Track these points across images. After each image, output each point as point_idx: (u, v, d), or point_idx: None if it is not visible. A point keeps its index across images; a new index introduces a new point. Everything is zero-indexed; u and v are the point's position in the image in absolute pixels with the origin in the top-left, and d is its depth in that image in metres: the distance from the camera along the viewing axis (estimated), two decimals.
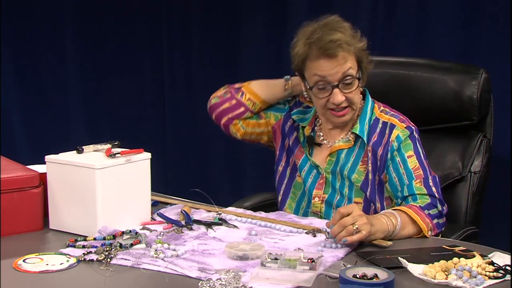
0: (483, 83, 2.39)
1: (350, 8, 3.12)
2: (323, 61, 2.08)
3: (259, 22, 3.47)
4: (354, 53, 2.10)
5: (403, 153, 2.10)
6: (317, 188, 2.19)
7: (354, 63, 2.10)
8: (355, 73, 2.10)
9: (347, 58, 2.08)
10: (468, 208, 2.37)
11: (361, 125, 2.16)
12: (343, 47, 2.07)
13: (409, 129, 2.13)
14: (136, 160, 1.96)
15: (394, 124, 2.15)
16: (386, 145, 2.12)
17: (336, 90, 2.09)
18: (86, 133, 3.70)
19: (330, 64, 2.07)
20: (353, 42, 2.10)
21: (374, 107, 2.20)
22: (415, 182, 2.05)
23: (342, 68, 2.07)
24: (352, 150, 2.17)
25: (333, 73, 2.08)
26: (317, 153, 2.23)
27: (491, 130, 2.45)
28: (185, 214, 2.03)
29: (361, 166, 2.15)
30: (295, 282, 1.57)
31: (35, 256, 1.73)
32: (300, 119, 2.28)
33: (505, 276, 1.61)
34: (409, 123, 2.16)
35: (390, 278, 1.50)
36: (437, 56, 2.73)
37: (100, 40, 3.74)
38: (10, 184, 1.90)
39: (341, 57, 2.07)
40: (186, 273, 1.62)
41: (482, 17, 2.85)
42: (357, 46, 2.11)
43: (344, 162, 2.16)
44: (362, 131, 2.15)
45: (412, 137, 2.13)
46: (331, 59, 2.07)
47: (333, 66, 2.07)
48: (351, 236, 1.79)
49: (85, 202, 1.88)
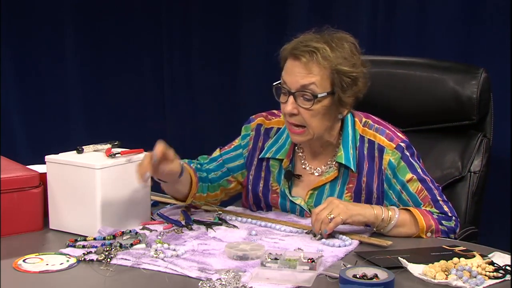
0: (483, 82, 2.39)
1: (350, 8, 3.12)
2: (289, 62, 1.95)
3: (259, 22, 3.47)
4: (330, 71, 1.91)
5: (401, 180, 1.99)
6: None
7: (324, 80, 1.91)
8: (318, 91, 1.91)
9: (314, 70, 1.90)
10: (468, 208, 2.37)
11: (345, 152, 2.00)
12: (314, 57, 1.90)
13: (398, 149, 1.98)
14: (136, 160, 1.96)
15: (383, 145, 1.99)
16: (379, 175, 2.00)
17: (290, 98, 1.93)
18: (86, 133, 3.70)
19: (292, 68, 1.93)
20: (334, 60, 1.91)
21: (355, 123, 2.04)
22: (424, 206, 2.00)
23: (303, 78, 1.91)
24: (336, 180, 2.03)
25: (292, 80, 1.93)
26: (297, 188, 2.09)
27: (490, 130, 2.44)
28: (185, 214, 2.03)
29: (346, 195, 2.03)
30: (295, 282, 1.57)
31: (35, 256, 1.73)
32: (275, 152, 2.09)
33: (505, 276, 1.61)
34: (398, 140, 2.00)
35: (390, 278, 1.50)
36: (436, 56, 2.73)
37: (100, 40, 3.74)
38: (10, 184, 1.90)
39: (305, 65, 1.90)
40: (186, 273, 1.62)
41: (482, 16, 2.85)
42: (340, 67, 1.91)
43: (329, 194, 2.04)
44: (347, 159, 1.99)
45: (404, 156, 1.99)
46: (295, 61, 1.93)
47: (294, 72, 1.92)
48: (327, 224, 1.83)
49: (85, 202, 1.88)
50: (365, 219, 1.89)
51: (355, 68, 1.95)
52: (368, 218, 1.89)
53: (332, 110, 1.97)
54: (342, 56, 1.93)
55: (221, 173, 2.16)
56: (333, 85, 1.93)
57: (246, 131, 2.17)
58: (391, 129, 2.05)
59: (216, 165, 2.17)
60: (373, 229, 1.94)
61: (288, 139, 2.08)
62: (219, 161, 2.17)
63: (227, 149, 2.19)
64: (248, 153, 2.15)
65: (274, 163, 2.12)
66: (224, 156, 2.17)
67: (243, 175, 2.16)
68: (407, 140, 2.04)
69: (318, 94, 1.92)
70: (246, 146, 2.16)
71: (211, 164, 2.17)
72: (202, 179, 2.12)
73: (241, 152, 2.16)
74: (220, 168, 2.16)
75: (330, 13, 3.18)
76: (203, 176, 2.14)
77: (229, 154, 2.17)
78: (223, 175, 2.16)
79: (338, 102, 1.96)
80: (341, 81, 1.93)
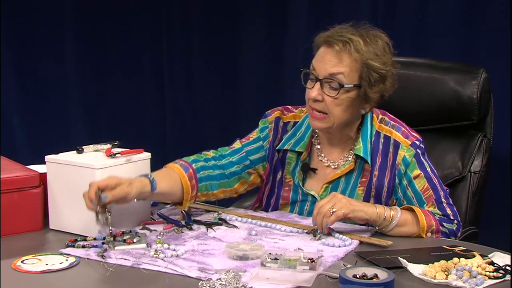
0: (483, 83, 2.39)
1: (350, 8, 3.12)
2: (321, 49, 1.98)
3: (259, 22, 3.47)
4: (360, 64, 1.94)
5: (409, 174, 2.00)
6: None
7: (353, 72, 1.94)
8: (345, 82, 1.94)
9: (345, 60, 1.94)
10: (468, 208, 2.37)
11: (364, 145, 2.02)
12: (347, 48, 1.93)
13: (414, 146, 2.01)
14: (136, 160, 1.96)
15: (398, 141, 2.01)
16: (392, 169, 2.01)
17: (317, 84, 1.96)
18: (86, 133, 3.70)
19: (324, 55, 1.96)
20: (366, 54, 1.94)
21: (373, 118, 2.07)
22: (427, 206, 1.99)
23: (333, 67, 1.94)
24: (352, 172, 2.05)
25: (321, 67, 1.96)
26: (311, 181, 2.10)
27: (491, 130, 2.45)
28: (185, 214, 2.03)
29: (359, 189, 2.04)
30: (295, 282, 1.57)
31: (32, 257, 1.73)
32: (294, 144, 2.11)
33: (505, 276, 1.61)
34: (413, 138, 2.03)
35: (390, 278, 1.50)
36: (436, 56, 2.73)
37: (100, 40, 3.74)
38: (10, 184, 1.90)
39: (337, 53, 1.93)
40: (186, 273, 1.62)
41: (482, 16, 2.85)
42: (370, 62, 1.94)
43: (344, 187, 2.06)
44: (366, 152, 2.01)
45: (417, 154, 2.01)
46: (327, 49, 1.95)
47: (325, 59, 1.95)
48: (328, 217, 1.83)
49: None
50: (367, 215, 1.89)
51: (385, 66, 1.97)
52: (370, 216, 1.90)
53: (356, 103, 1.99)
54: (374, 52, 1.96)
55: (243, 165, 2.15)
56: (361, 78, 1.96)
57: (264, 124, 2.17)
58: (406, 127, 2.07)
59: (239, 158, 2.15)
60: (375, 229, 1.94)
61: (306, 132, 2.10)
62: (242, 153, 2.16)
63: (247, 141, 2.18)
64: (269, 145, 2.15)
65: (291, 155, 2.13)
66: (246, 148, 2.17)
67: (263, 168, 2.16)
68: (421, 139, 2.06)
69: (344, 84, 1.94)
70: (266, 138, 2.16)
71: (234, 156, 2.15)
72: (211, 178, 2.10)
73: (261, 145, 2.16)
74: (243, 161, 2.15)
75: (330, 13, 3.18)
76: (213, 174, 2.11)
77: (251, 146, 2.17)
78: (245, 167, 2.15)
79: (363, 97, 1.98)
80: (369, 76, 1.95)
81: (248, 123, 2.28)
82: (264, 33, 3.46)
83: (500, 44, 2.78)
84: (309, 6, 3.26)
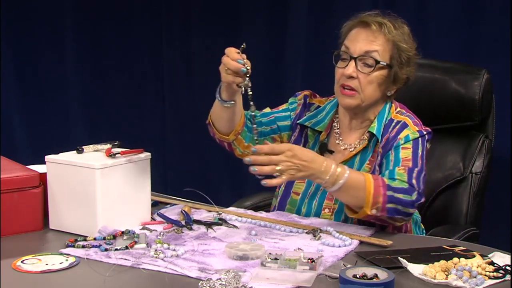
0: (485, 83, 2.39)
1: (350, 8, 3.11)
2: (356, 30, 2.08)
3: (259, 22, 3.47)
4: (392, 45, 2.06)
5: (399, 143, 2.03)
6: (328, 199, 2.10)
7: (385, 51, 2.05)
8: (379, 59, 2.04)
9: (379, 39, 2.05)
10: (469, 209, 2.37)
11: (378, 124, 2.09)
12: (382, 27, 2.05)
13: (420, 133, 2.05)
14: (136, 160, 1.96)
15: (407, 124, 2.07)
16: (392, 142, 2.04)
17: (351, 62, 2.04)
18: (86, 133, 3.70)
19: (358, 35, 2.06)
20: (397, 36, 2.06)
21: (392, 107, 2.13)
22: (399, 168, 1.97)
23: (368, 45, 2.05)
24: (366, 151, 2.10)
25: (356, 45, 2.05)
26: None
27: (492, 131, 2.45)
28: (185, 214, 2.03)
29: (366, 166, 2.08)
30: (295, 282, 1.57)
31: (32, 257, 1.72)
32: (315, 124, 2.19)
33: (505, 276, 1.60)
34: (422, 128, 2.07)
35: (390, 278, 1.50)
36: (437, 56, 2.73)
37: (100, 40, 3.74)
38: (10, 184, 1.90)
39: (373, 32, 2.05)
40: (186, 273, 1.62)
41: (484, 17, 2.85)
42: (400, 43, 2.06)
43: (359, 165, 2.09)
44: (378, 131, 2.08)
45: (417, 140, 2.03)
46: (362, 29, 2.06)
47: (360, 38, 2.05)
48: (270, 180, 1.83)
49: (85, 202, 1.88)
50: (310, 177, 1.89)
51: (412, 50, 2.10)
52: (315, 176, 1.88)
53: (386, 83, 2.08)
54: (403, 36, 2.09)
55: (270, 129, 2.22)
56: (392, 58, 2.07)
57: (293, 100, 2.26)
58: (419, 119, 2.12)
59: (267, 120, 2.22)
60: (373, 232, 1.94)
61: (328, 115, 2.18)
62: (271, 117, 2.23)
63: (277, 110, 2.25)
64: (295, 116, 2.22)
65: (311, 133, 2.20)
66: (275, 114, 2.24)
67: (288, 136, 2.23)
68: (431, 133, 2.09)
69: (380, 61, 2.04)
70: (294, 109, 2.24)
71: (263, 118, 2.22)
72: (248, 128, 2.16)
73: (289, 114, 2.24)
74: (271, 124, 2.22)
75: (330, 13, 3.18)
76: (250, 126, 2.15)
77: (280, 113, 2.24)
78: (271, 131, 2.22)
79: (393, 76, 2.08)
80: (400, 57, 2.07)
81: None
82: (264, 33, 3.47)
83: (502, 45, 2.78)
84: (309, 6, 3.26)
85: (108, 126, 3.76)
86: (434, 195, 2.40)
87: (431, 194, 2.40)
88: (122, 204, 1.92)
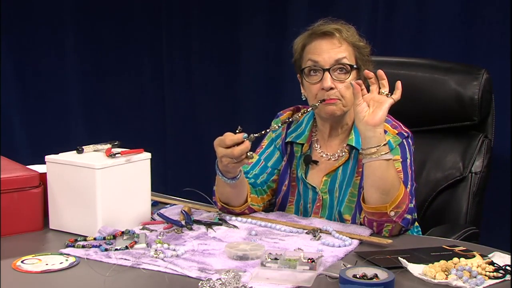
0: (485, 83, 2.39)
1: (350, 8, 3.12)
2: (319, 42, 2.06)
3: (259, 22, 3.47)
4: (352, 47, 2.06)
5: None
6: (315, 212, 2.12)
7: (351, 55, 2.06)
8: (350, 63, 2.05)
9: (343, 45, 2.05)
10: (469, 209, 2.37)
11: (356, 135, 2.07)
12: (341, 33, 2.05)
13: (400, 135, 2.05)
14: (136, 160, 1.96)
15: (386, 130, 2.02)
16: None
17: (326, 74, 2.03)
18: (86, 133, 3.70)
19: (321, 45, 2.05)
20: (351, 37, 2.07)
21: None
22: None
23: (336, 53, 2.04)
24: (347, 163, 2.10)
25: (325, 57, 2.03)
26: (313, 173, 2.15)
27: (492, 131, 2.44)
28: (185, 214, 2.03)
29: (356, 178, 2.08)
30: (295, 282, 1.57)
31: (32, 257, 1.72)
32: (296, 137, 2.19)
33: (505, 276, 1.60)
34: (401, 129, 2.07)
35: (390, 278, 1.50)
36: (438, 56, 2.73)
37: (100, 40, 3.74)
38: (10, 184, 1.90)
39: (336, 40, 2.04)
40: (186, 273, 1.62)
41: (484, 17, 2.85)
42: (358, 43, 2.08)
43: (342, 178, 2.10)
44: (358, 142, 2.04)
45: (402, 144, 2.04)
46: (323, 40, 2.05)
47: (327, 49, 2.04)
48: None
49: (85, 202, 1.88)
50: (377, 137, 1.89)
51: (367, 46, 2.11)
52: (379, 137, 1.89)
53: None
54: (356, 36, 2.10)
55: (267, 175, 2.20)
56: (357, 59, 2.08)
57: (276, 122, 2.22)
58: (398, 122, 2.11)
59: (260, 168, 2.21)
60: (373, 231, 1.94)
61: (307, 125, 2.18)
62: (261, 164, 2.22)
63: (262, 149, 2.24)
64: (281, 140, 2.22)
65: (297, 148, 2.19)
66: (262, 156, 2.22)
67: (284, 162, 2.21)
68: (411, 134, 2.08)
69: (353, 64, 2.05)
70: (279, 136, 2.22)
71: (255, 169, 2.21)
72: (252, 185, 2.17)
73: (274, 147, 2.22)
74: (265, 170, 2.21)
75: (330, 14, 3.17)
76: (251, 182, 2.17)
77: (266, 152, 2.23)
78: (269, 176, 2.21)
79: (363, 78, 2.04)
80: (362, 56, 2.09)
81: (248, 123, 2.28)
82: (264, 33, 3.46)
83: (502, 45, 2.78)
84: (309, 6, 3.26)
85: (108, 126, 3.76)
86: (434, 194, 2.40)
87: (431, 194, 2.40)
88: (122, 204, 1.92)
